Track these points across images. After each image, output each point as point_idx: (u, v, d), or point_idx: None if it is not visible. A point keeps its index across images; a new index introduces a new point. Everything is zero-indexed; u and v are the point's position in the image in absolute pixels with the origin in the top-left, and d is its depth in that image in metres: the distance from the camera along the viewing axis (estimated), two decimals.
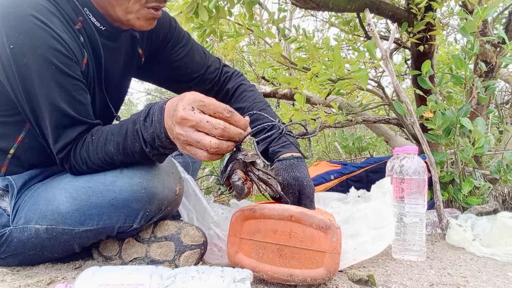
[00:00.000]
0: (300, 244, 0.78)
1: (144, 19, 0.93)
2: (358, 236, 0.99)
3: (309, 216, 0.78)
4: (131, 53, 1.08)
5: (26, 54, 0.80)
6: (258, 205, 0.83)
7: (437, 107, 1.38)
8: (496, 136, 2.75)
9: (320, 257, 0.77)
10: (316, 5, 1.57)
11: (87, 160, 0.87)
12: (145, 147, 0.81)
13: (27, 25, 0.80)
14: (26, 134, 0.94)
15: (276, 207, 0.81)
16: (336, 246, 0.76)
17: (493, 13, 1.41)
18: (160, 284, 0.69)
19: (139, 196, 0.84)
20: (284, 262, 0.79)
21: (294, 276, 0.78)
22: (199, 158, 0.72)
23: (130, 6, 0.90)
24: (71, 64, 0.85)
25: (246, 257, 0.82)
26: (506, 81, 2.76)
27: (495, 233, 1.12)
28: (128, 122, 0.84)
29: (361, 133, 4.14)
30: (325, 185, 1.64)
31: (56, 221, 0.85)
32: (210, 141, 0.69)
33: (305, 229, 0.78)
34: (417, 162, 1.05)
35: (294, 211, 0.79)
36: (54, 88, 0.83)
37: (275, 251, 0.80)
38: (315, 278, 0.76)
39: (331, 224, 0.77)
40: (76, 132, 0.88)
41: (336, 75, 1.64)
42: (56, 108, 0.84)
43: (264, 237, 0.81)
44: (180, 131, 0.71)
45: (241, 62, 3.90)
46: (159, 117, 0.77)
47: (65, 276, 0.87)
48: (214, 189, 2.09)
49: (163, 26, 1.12)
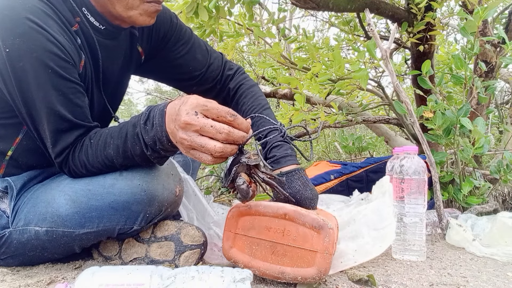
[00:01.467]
0: (292, 242, 0.79)
1: (147, 14, 0.91)
2: (359, 237, 0.99)
3: (303, 215, 0.78)
4: (130, 52, 1.07)
5: (22, 57, 0.79)
6: (254, 202, 0.83)
7: (437, 107, 1.38)
8: (496, 136, 2.75)
9: (312, 257, 0.77)
10: (316, 5, 1.57)
11: (86, 163, 0.87)
12: (146, 150, 0.81)
13: (23, 28, 0.78)
14: (24, 136, 0.94)
15: (271, 205, 0.81)
16: (328, 246, 0.76)
17: (493, 13, 1.41)
18: (160, 284, 0.69)
19: (139, 198, 0.84)
20: (276, 259, 0.80)
21: (285, 273, 0.78)
22: (203, 162, 0.72)
23: (131, 1, 0.89)
24: (68, 67, 0.84)
25: (240, 252, 0.83)
26: (506, 81, 2.76)
27: (495, 233, 1.12)
28: (127, 125, 0.83)
29: (361, 133, 4.14)
30: (325, 185, 1.65)
31: (56, 223, 0.85)
32: (215, 145, 0.69)
33: (298, 228, 0.78)
34: (417, 162, 1.05)
35: (288, 209, 0.80)
36: (51, 92, 0.82)
37: (268, 248, 0.81)
38: (306, 277, 0.76)
39: (324, 224, 0.76)
40: (73, 136, 0.87)
41: (336, 75, 1.64)
42: (53, 111, 0.83)
43: (258, 233, 0.82)
44: (184, 136, 0.71)
45: (241, 62, 3.90)
46: (160, 121, 0.77)
47: (65, 276, 0.87)
48: (214, 189, 2.09)
49: (163, 22, 1.10)
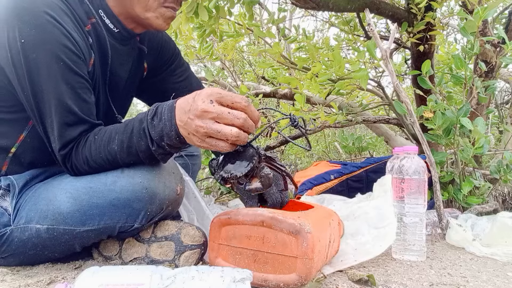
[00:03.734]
0: (272, 249, 0.78)
1: (163, 18, 0.97)
2: (359, 235, 0.99)
3: (279, 221, 0.77)
4: (137, 63, 1.12)
5: (36, 48, 0.82)
6: (234, 211, 0.83)
7: (437, 107, 1.38)
8: (496, 136, 2.75)
9: (292, 263, 0.76)
10: (316, 5, 1.57)
11: (89, 159, 0.87)
12: (151, 146, 0.82)
13: (40, 21, 0.82)
14: (28, 133, 0.94)
15: (250, 213, 0.81)
16: (307, 251, 0.74)
17: (493, 13, 1.41)
18: (160, 284, 0.69)
19: (141, 196, 0.84)
20: (259, 267, 0.79)
21: (268, 281, 0.77)
22: (219, 149, 0.75)
23: (150, 3, 0.94)
24: (79, 62, 0.87)
25: (225, 262, 0.83)
26: (506, 81, 2.75)
27: (495, 233, 1.12)
28: (134, 121, 0.85)
29: (361, 133, 4.14)
30: (325, 185, 1.65)
31: (57, 221, 0.85)
32: (231, 130, 0.72)
33: (277, 234, 0.77)
34: (417, 162, 1.05)
35: (266, 216, 0.78)
36: (61, 84, 0.85)
37: (250, 257, 0.80)
38: (288, 283, 0.76)
39: (301, 229, 0.75)
40: (78, 131, 0.88)
41: (336, 75, 1.64)
42: (61, 103, 0.85)
43: (239, 243, 0.81)
44: (200, 123, 0.73)
45: (241, 62, 3.90)
46: (169, 116, 0.79)
47: (65, 276, 0.87)
48: (214, 189, 2.09)
49: (169, 49, 1.22)
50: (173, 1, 0.96)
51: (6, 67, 0.87)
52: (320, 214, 0.89)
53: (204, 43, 1.83)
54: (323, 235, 0.82)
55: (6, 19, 0.83)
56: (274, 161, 0.87)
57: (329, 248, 0.86)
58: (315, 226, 0.78)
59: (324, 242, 0.82)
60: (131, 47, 1.07)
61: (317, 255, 0.77)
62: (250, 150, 0.81)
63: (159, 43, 1.20)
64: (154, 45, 1.18)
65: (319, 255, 0.79)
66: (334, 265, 0.90)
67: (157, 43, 1.19)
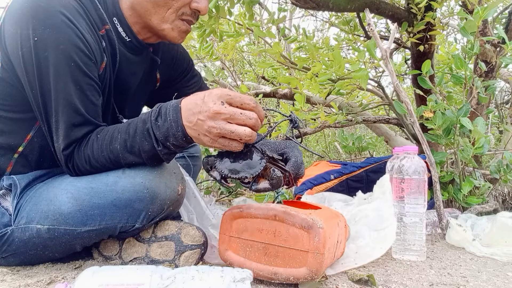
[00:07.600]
0: (284, 243, 0.79)
1: (178, 31, 0.97)
2: (360, 238, 0.99)
3: (292, 215, 0.79)
4: (149, 74, 1.12)
5: (49, 47, 0.82)
6: (246, 205, 0.85)
7: (437, 107, 1.38)
8: (496, 136, 2.75)
9: (303, 257, 0.77)
10: (316, 5, 1.57)
11: (91, 158, 0.87)
12: (157, 146, 0.82)
13: (55, 20, 0.82)
14: (35, 133, 0.95)
15: (262, 207, 0.82)
16: (319, 246, 0.76)
17: (493, 13, 1.41)
18: (160, 284, 0.69)
19: (142, 196, 0.84)
20: (269, 260, 0.80)
21: (278, 274, 0.78)
22: (231, 148, 0.77)
23: (167, 15, 0.94)
24: (90, 64, 0.87)
25: (235, 254, 0.84)
26: (506, 81, 2.75)
27: (495, 233, 1.12)
28: (137, 122, 0.85)
29: (361, 133, 4.14)
30: (325, 185, 1.65)
31: (58, 221, 0.85)
32: (245, 130, 0.75)
33: (289, 229, 0.79)
34: (417, 162, 1.05)
35: (278, 210, 0.80)
36: (70, 84, 0.85)
37: (261, 250, 0.81)
38: (298, 277, 0.77)
39: (313, 224, 0.77)
40: (83, 131, 0.89)
41: (336, 75, 1.64)
42: (69, 104, 0.85)
43: (250, 235, 0.83)
44: (213, 124, 0.75)
45: (241, 62, 3.90)
46: (174, 116, 0.79)
47: (65, 276, 0.86)
48: (214, 189, 2.09)
49: (184, 60, 1.23)
50: (190, 14, 0.96)
51: (16, 64, 0.86)
52: (328, 214, 0.90)
53: (204, 43, 1.83)
54: (333, 233, 0.83)
55: (21, 16, 0.83)
56: (277, 161, 0.87)
57: (336, 247, 0.86)
58: (326, 223, 0.79)
59: (333, 241, 0.83)
60: (143, 58, 1.07)
61: (328, 251, 0.78)
62: (252, 149, 0.82)
63: (174, 55, 1.20)
64: (168, 57, 1.18)
65: (329, 252, 0.80)
66: (335, 267, 0.91)
67: (172, 56, 1.19)
